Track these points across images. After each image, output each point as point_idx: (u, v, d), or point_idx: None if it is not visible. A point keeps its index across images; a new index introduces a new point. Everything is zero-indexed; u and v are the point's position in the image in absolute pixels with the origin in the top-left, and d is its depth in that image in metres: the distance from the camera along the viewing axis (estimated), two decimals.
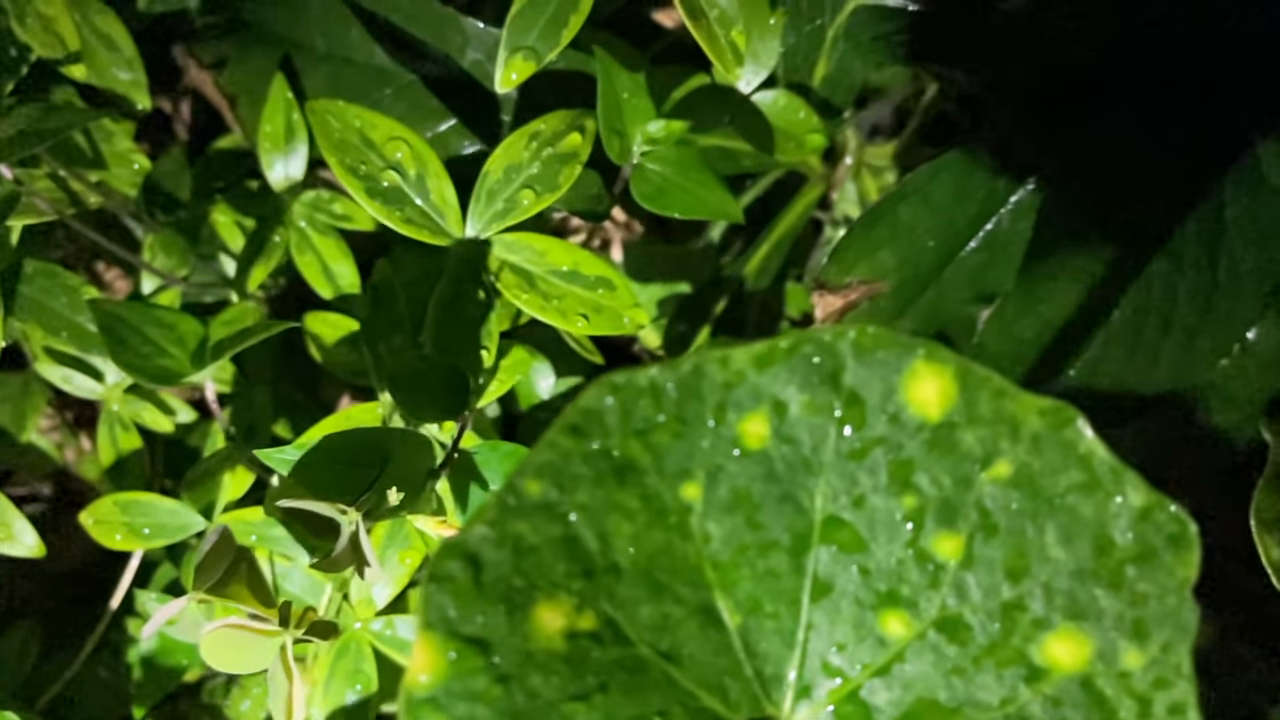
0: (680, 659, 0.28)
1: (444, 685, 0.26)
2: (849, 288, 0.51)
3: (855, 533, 0.28)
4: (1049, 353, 0.51)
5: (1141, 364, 0.52)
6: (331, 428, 0.44)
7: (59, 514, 0.73)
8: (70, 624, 0.70)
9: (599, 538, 0.27)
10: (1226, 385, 0.53)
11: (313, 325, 0.54)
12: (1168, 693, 0.27)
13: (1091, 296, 0.48)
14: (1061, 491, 0.27)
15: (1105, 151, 0.47)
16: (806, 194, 0.61)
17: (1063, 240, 0.47)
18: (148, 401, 0.57)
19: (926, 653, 0.29)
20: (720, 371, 0.28)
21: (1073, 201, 0.46)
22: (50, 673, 0.62)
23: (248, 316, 0.57)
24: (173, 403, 0.59)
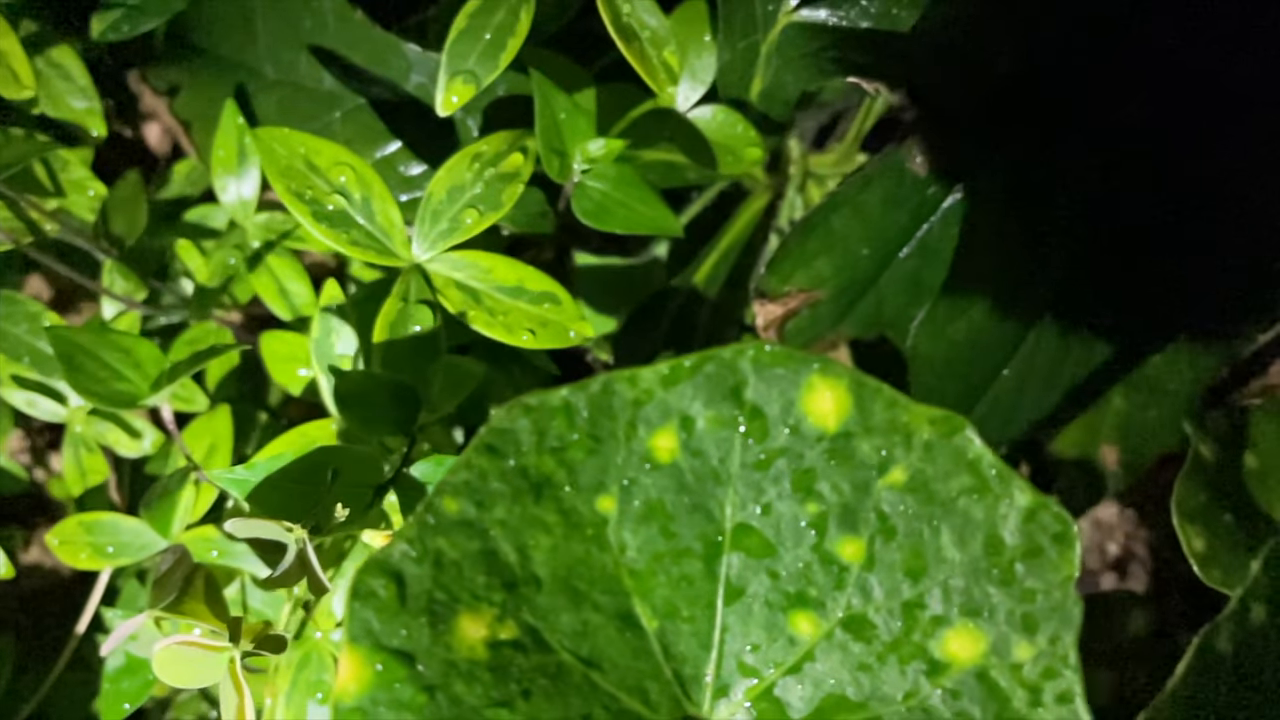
0: (601, 664, 0.30)
1: (370, 695, 0.27)
2: (788, 296, 0.53)
3: (764, 539, 0.30)
4: (981, 353, 0.53)
5: (1079, 356, 0.54)
6: (286, 445, 0.46)
7: (32, 534, 0.74)
8: (45, 641, 0.71)
9: (518, 551, 0.29)
10: (1159, 378, 0.55)
11: (268, 345, 0.56)
12: (1055, 682, 0.29)
13: (1018, 298, 0.50)
14: (954, 495, 0.29)
15: (1020, 160, 0.49)
16: (752, 204, 0.63)
17: (987, 246, 0.49)
18: (112, 423, 0.58)
19: (834, 651, 0.30)
20: (629, 390, 0.29)
21: (994, 209, 0.48)
22: (24, 689, 0.63)
23: (209, 337, 0.59)
24: (139, 425, 0.60)
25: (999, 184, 0.48)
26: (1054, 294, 0.50)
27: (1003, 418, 0.53)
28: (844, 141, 0.61)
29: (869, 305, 0.54)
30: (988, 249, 0.49)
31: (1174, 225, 0.48)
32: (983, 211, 0.48)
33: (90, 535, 0.53)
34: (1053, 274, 0.49)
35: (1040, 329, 0.52)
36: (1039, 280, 0.49)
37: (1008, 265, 0.49)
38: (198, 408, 0.58)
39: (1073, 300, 0.49)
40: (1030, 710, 0.29)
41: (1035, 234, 0.48)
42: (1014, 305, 0.49)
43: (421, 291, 0.48)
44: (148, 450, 0.59)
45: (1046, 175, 0.48)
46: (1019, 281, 0.49)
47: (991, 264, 0.49)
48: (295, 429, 0.48)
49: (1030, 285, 0.49)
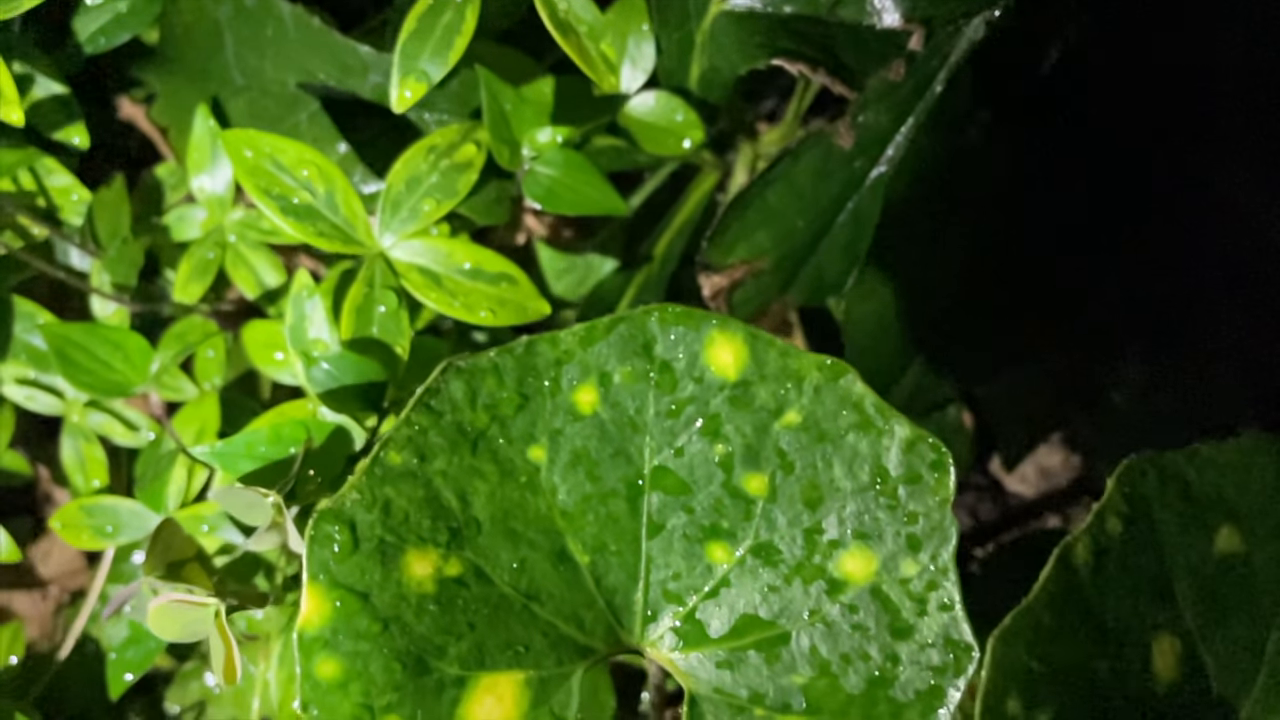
0: (539, 596, 0.34)
1: (330, 626, 0.31)
2: (732, 268, 0.57)
3: (679, 479, 0.34)
4: (911, 313, 0.56)
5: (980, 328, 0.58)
6: (264, 424, 0.49)
7: (39, 526, 0.78)
8: (56, 626, 0.75)
9: (458, 497, 0.33)
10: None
11: (249, 334, 0.59)
12: (938, 593, 0.32)
13: (941, 261, 0.53)
14: (842, 432, 0.33)
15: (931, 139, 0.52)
16: (702, 184, 0.66)
17: (904, 217, 0.52)
18: (108, 415, 0.62)
19: (746, 576, 0.34)
20: (551, 350, 0.33)
21: (910, 182, 0.52)
22: (37, 669, 0.67)
23: (195, 330, 0.62)
24: (134, 416, 0.64)
25: (913, 159, 0.52)
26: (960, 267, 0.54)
27: (935, 373, 0.56)
28: (785, 121, 0.65)
29: (810, 273, 0.58)
30: (905, 220, 0.52)
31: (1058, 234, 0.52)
32: (900, 184, 0.52)
33: (91, 517, 0.57)
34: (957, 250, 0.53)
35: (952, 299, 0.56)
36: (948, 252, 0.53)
37: (920, 237, 0.53)
38: (186, 397, 0.62)
39: (974, 278, 0.53)
40: (917, 619, 0.33)
41: (944, 208, 0.52)
42: (926, 275, 0.53)
43: (385, 277, 0.52)
44: (144, 440, 0.63)
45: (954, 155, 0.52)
46: (929, 254, 0.53)
47: (907, 234, 0.53)
48: (273, 409, 0.52)
49: (939, 256, 0.53)
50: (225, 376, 0.65)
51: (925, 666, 0.32)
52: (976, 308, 0.54)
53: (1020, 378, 0.60)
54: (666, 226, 0.66)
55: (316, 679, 0.31)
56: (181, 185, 0.64)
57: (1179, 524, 0.33)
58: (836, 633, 0.33)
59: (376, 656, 0.32)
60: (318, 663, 0.31)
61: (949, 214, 0.53)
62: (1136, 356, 0.55)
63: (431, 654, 0.32)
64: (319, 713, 0.31)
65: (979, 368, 0.57)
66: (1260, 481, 0.34)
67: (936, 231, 0.53)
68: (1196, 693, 0.34)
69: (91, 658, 0.67)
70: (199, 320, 0.63)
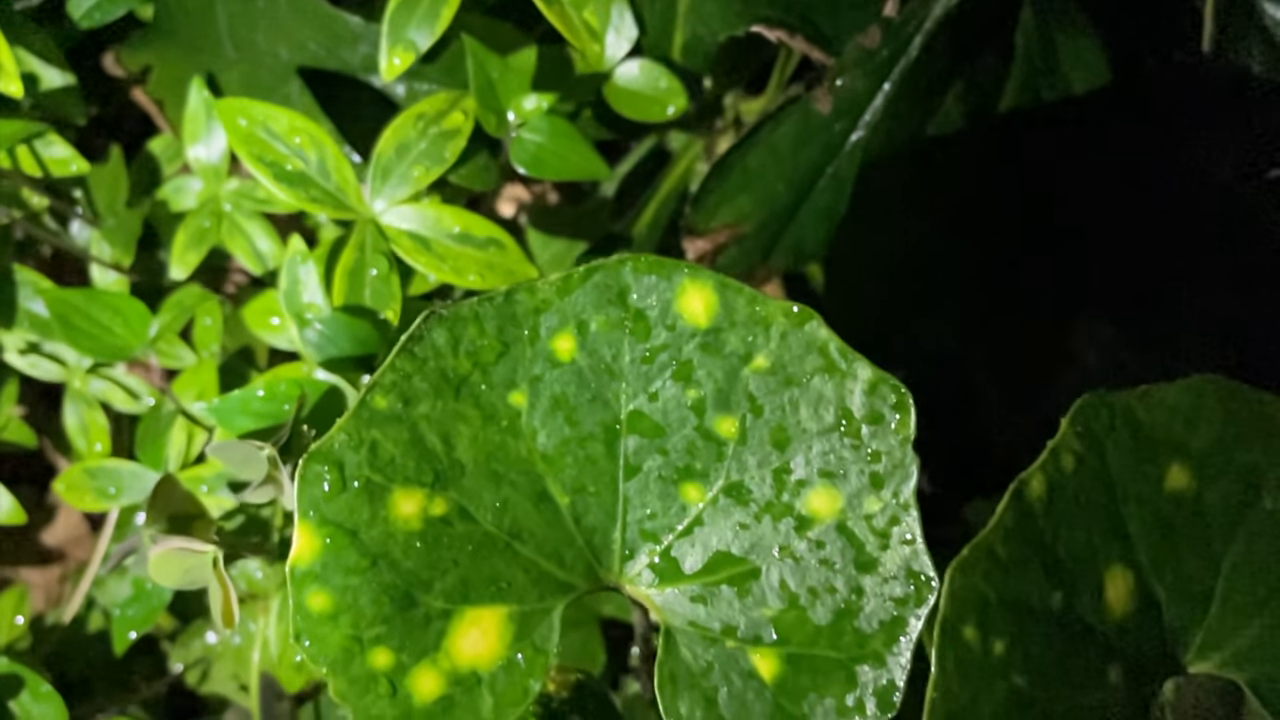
0: (521, 534, 0.35)
1: (321, 562, 0.33)
2: (715, 232, 0.58)
3: (654, 422, 0.35)
4: (894, 275, 0.58)
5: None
6: (261, 382, 0.51)
7: (43, 495, 0.80)
8: (61, 596, 0.77)
9: (442, 440, 0.34)
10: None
11: (246, 302, 0.61)
12: (900, 528, 0.34)
13: (916, 227, 0.55)
14: (808, 375, 0.34)
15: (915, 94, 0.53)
16: (689, 151, 0.68)
17: (886, 176, 0.54)
18: (109, 381, 0.64)
19: (719, 515, 0.35)
20: (530, 299, 0.34)
21: (889, 141, 0.53)
22: (43, 634, 0.69)
23: (194, 299, 0.64)
24: (135, 383, 0.65)
25: (890, 124, 0.53)
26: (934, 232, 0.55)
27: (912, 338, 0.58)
28: (768, 90, 0.66)
29: (792, 237, 0.59)
30: (882, 184, 0.54)
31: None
32: (877, 149, 0.53)
33: (93, 480, 0.59)
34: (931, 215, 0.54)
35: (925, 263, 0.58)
36: (922, 217, 0.54)
37: (896, 203, 0.54)
38: (185, 364, 0.63)
39: (948, 243, 0.55)
40: (881, 553, 0.34)
41: (920, 172, 0.53)
42: (901, 241, 0.54)
43: (376, 242, 0.53)
44: (144, 406, 0.64)
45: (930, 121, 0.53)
46: (904, 220, 0.54)
47: (883, 199, 0.54)
48: (269, 371, 0.53)
49: (914, 222, 0.54)
50: (223, 346, 0.66)
51: (888, 598, 0.34)
52: (949, 272, 0.55)
53: (996, 339, 0.62)
54: (653, 196, 0.67)
55: (308, 611, 0.33)
56: (178, 158, 0.65)
57: (1130, 462, 0.35)
58: (804, 567, 0.35)
59: (365, 590, 0.33)
60: (309, 596, 0.33)
61: (924, 179, 0.55)
62: (1107, 318, 0.56)
63: (418, 588, 0.34)
64: (310, 643, 0.33)
65: (953, 331, 0.58)
66: (1209, 422, 0.35)
67: (911, 196, 0.54)
68: (1149, 625, 0.36)
69: (96, 620, 0.69)
70: (198, 290, 0.64)
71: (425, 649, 0.34)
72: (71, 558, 0.79)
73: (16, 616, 0.66)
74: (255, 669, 0.60)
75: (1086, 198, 0.56)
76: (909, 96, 0.55)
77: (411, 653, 0.34)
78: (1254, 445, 0.36)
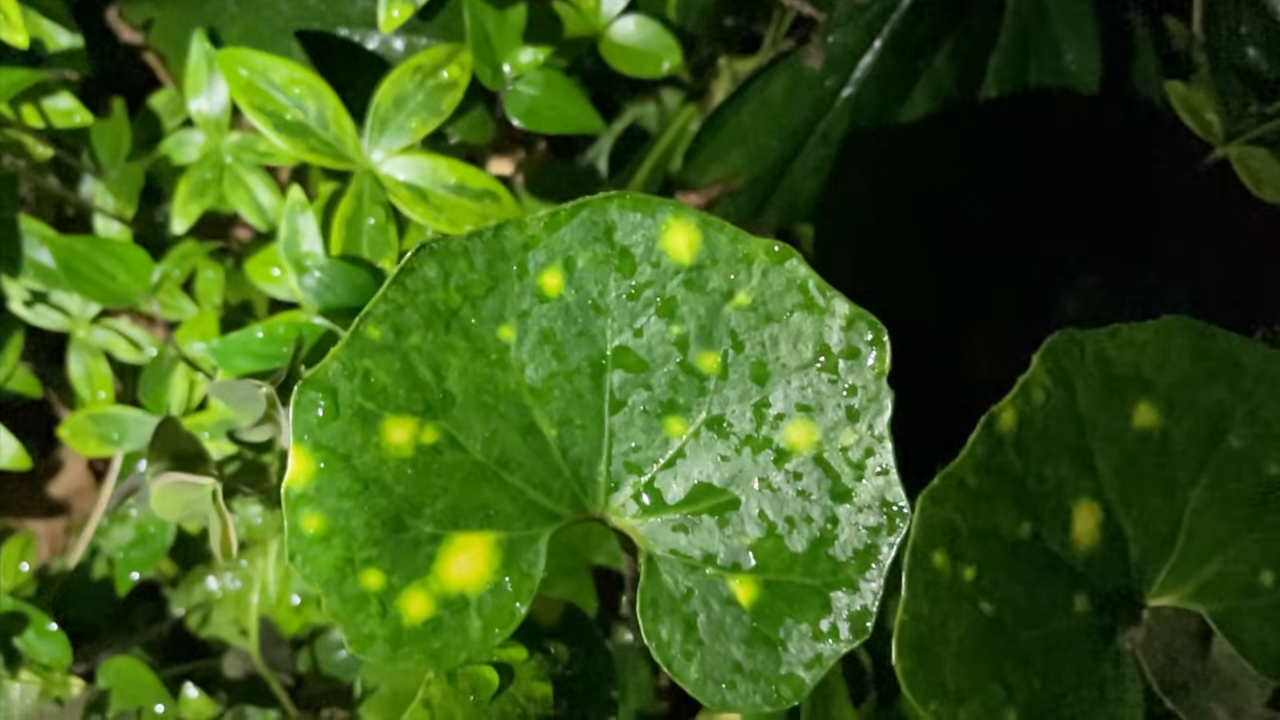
0: (510, 464, 0.36)
1: (315, 485, 0.34)
2: (707, 187, 0.59)
3: (639, 358, 0.36)
4: (880, 234, 0.59)
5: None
6: (260, 325, 0.52)
7: (48, 449, 0.81)
8: (66, 546, 0.78)
9: (433, 371, 0.35)
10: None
11: (248, 254, 0.62)
12: (874, 459, 0.35)
13: (905, 185, 0.56)
14: (788, 311, 0.35)
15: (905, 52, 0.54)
16: (684, 110, 0.68)
17: (875, 134, 0.54)
18: (112, 331, 0.65)
19: (701, 448, 0.37)
20: (518, 235, 0.35)
21: (879, 97, 0.54)
22: (50, 580, 0.70)
23: (195, 251, 0.65)
24: (137, 335, 0.67)
25: (880, 80, 0.54)
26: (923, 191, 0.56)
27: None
28: (763, 49, 0.66)
29: (784, 193, 0.60)
30: (871, 142, 0.55)
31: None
32: (866, 105, 0.54)
33: (97, 426, 0.60)
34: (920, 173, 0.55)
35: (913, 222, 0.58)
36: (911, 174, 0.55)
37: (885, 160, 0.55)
38: (187, 315, 0.64)
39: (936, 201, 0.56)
40: (856, 483, 0.35)
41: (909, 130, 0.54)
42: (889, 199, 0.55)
43: (374, 192, 0.54)
44: (147, 356, 0.66)
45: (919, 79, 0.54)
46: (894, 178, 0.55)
47: (873, 157, 0.55)
48: (269, 319, 0.54)
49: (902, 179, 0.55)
50: (225, 301, 0.67)
51: (862, 527, 0.35)
52: (935, 230, 0.56)
53: (982, 297, 0.63)
54: (647, 155, 0.68)
55: (302, 532, 0.34)
56: (180, 112, 0.66)
57: (1100, 398, 0.36)
58: (782, 498, 0.36)
59: (357, 514, 0.35)
60: (303, 517, 0.34)
61: (912, 137, 0.55)
62: (1092, 274, 0.57)
63: (409, 513, 0.35)
64: (304, 562, 0.34)
65: (937, 288, 0.59)
66: (1177, 361, 0.36)
67: (899, 154, 0.55)
68: (1115, 558, 0.37)
69: (100, 567, 0.70)
70: (199, 243, 0.65)
71: (415, 571, 0.35)
72: (76, 510, 0.80)
73: (22, 563, 0.67)
74: (254, 612, 0.62)
75: (1074, 156, 0.57)
76: (899, 54, 0.55)
77: (402, 575, 0.35)
78: (1221, 385, 0.37)
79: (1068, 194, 0.57)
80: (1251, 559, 0.37)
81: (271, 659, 0.61)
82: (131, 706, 0.54)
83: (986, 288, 0.61)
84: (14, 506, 0.78)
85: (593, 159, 0.70)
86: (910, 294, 0.59)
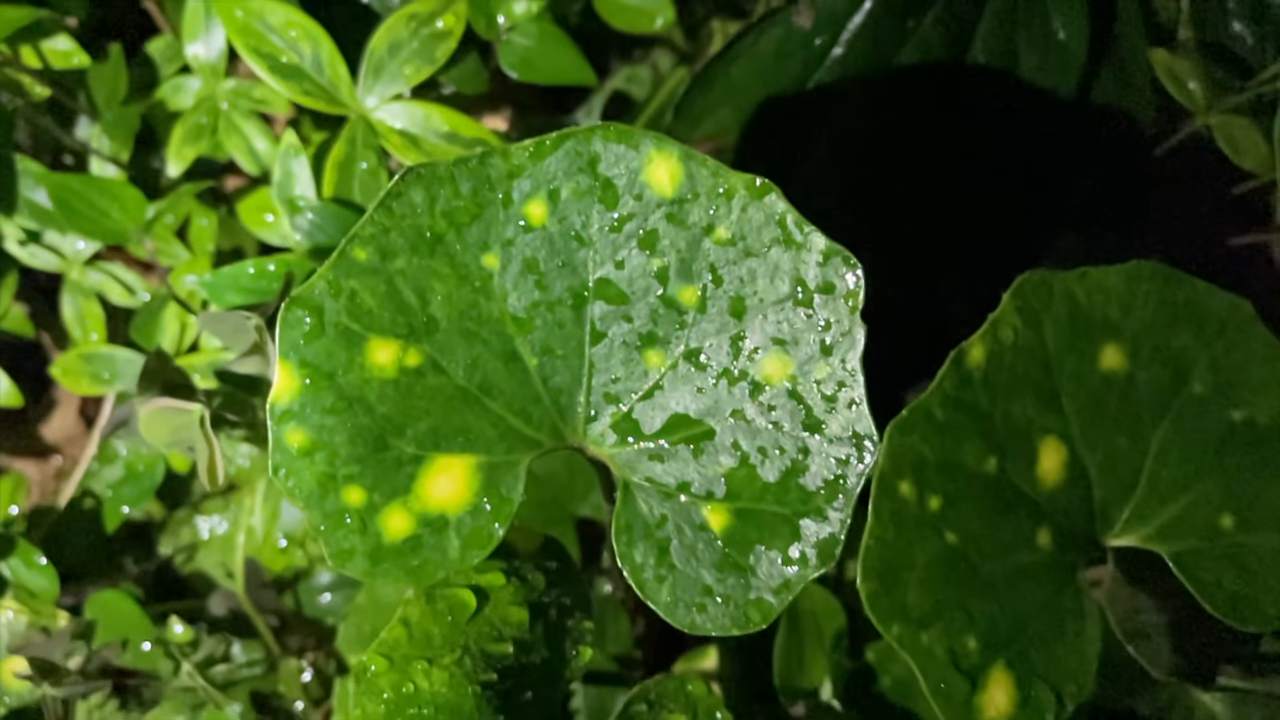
0: (491, 391, 0.37)
1: (299, 400, 0.35)
2: (697, 143, 0.60)
3: (620, 290, 0.37)
4: (864, 193, 0.59)
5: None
6: (251, 264, 0.53)
7: (39, 393, 0.82)
8: (57, 490, 0.79)
9: (417, 294, 0.36)
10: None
11: (242, 200, 0.62)
12: (845, 391, 0.36)
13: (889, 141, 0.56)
14: (766, 246, 0.36)
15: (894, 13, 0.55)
16: (677, 70, 0.69)
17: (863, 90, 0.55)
18: (106, 274, 0.65)
19: (678, 380, 0.37)
20: (504, 164, 0.36)
21: (866, 57, 0.55)
22: (40, 517, 0.71)
23: (190, 193, 0.66)
24: (131, 279, 0.67)
25: (869, 40, 0.55)
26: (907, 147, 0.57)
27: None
28: (755, 11, 0.67)
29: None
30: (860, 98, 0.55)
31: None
32: (852, 68, 0.55)
33: (89, 365, 0.61)
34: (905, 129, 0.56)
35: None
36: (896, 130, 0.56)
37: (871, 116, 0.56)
38: (180, 261, 0.65)
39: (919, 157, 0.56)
40: (827, 415, 0.36)
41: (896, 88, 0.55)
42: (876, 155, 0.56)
43: (367, 137, 0.55)
44: (140, 300, 0.66)
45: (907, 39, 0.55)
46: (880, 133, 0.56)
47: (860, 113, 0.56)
48: (261, 258, 0.55)
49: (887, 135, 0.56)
50: (218, 248, 0.68)
51: (833, 458, 0.36)
52: (920, 186, 0.57)
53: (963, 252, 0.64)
54: (640, 113, 0.69)
55: (286, 446, 0.35)
56: (177, 58, 0.67)
57: (1067, 339, 0.37)
58: (756, 429, 0.37)
59: (340, 430, 0.35)
60: (287, 432, 0.35)
61: (900, 94, 0.56)
62: (1071, 233, 0.58)
63: (391, 433, 0.36)
64: (288, 476, 0.35)
65: (923, 245, 0.60)
66: (1144, 306, 0.37)
67: (887, 110, 0.56)
68: (1078, 496, 0.38)
69: (90, 509, 0.71)
70: (194, 187, 0.66)
71: (396, 490, 0.36)
72: (66, 456, 0.81)
73: (11, 506, 0.68)
74: (240, 553, 0.63)
75: (1054, 123, 0.58)
76: (889, 14, 0.56)
77: (383, 493, 0.36)
78: (1186, 330, 0.38)
79: (1050, 160, 0.58)
80: (1212, 502, 0.38)
81: (256, 600, 0.62)
82: (116, 638, 0.55)
83: (965, 237, 0.62)
84: (4, 445, 0.79)
85: (583, 119, 0.71)
86: (890, 238, 0.60)
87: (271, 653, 0.59)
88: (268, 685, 0.62)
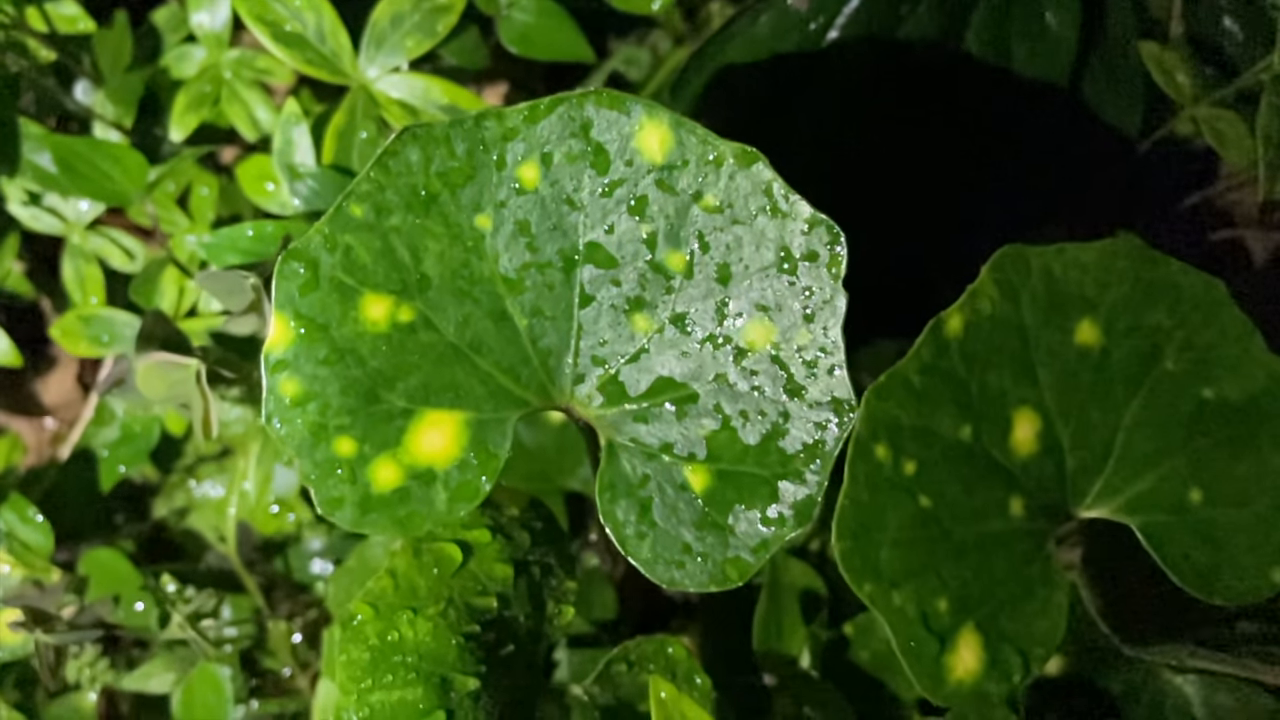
0: (481, 349, 0.38)
1: (293, 350, 0.36)
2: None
3: (609, 254, 0.38)
4: (858, 174, 0.60)
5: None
6: (249, 226, 0.54)
7: (37, 358, 0.83)
8: (54, 454, 0.80)
9: (411, 252, 0.37)
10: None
11: (243, 169, 0.63)
12: (826, 358, 0.37)
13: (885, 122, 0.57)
14: (753, 214, 0.37)
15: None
16: (677, 51, 0.70)
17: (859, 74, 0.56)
18: (106, 239, 0.66)
19: (664, 344, 0.38)
20: (498, 126, 0.37)
21: (863, 40, 0.55)
22: (36, 477, 0.72)
23: (190, 160, 0.66)
24: (131, 244, 0.68)
25: (865, 24, 0.56)
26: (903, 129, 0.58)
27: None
28: None
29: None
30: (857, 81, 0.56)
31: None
32: (847, 51, 0.55)
33: (88, 327, 0.62)
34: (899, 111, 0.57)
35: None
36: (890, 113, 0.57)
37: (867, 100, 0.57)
38: (180, 229, 0.66)
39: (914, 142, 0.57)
40: (808, 381, 0.37)
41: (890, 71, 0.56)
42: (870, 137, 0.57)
43: (367, 107, 0.56)
44: (139, 265, 0.67)
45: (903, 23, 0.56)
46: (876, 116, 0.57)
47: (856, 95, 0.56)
48: (260, 220, 0.56)
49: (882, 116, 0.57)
50: (217, 213, 0.69)
51: (811, 422, 0.37)
52: (907, 171, 0.58)
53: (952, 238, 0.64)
54: (639, 92, 0.70)
55: (280, 395, 0.36)
56: (181, 28, 0.68)
57: (1044, 313, 0.38)
58: (738, 393, 0.38)
59: (333, 381, 0.36)
60: (281, 382, 0.36)
61: (892, 79, 0.57)
62: (1055, 223, 0.59)
63: (382, 386, 0.37)
64: (281, 425, 0.36)
65: (915, 228, 0.61)
66: (1119, 283, 0.38)
67: (878, 96, 0.57)
68: (1051, 467, 0.39)
69: (86, 469, 0.72)
70: (195, 152, 0.66)
71: (386, 442, 0.37)
72: (63, 419, 0.82)
73: (7, 464, 0.69)
74: (232, 518, 0.64)
75: (1044, 112, 0.59)
76: (883, 0, 0.57)
77: (373, 444, 0.37)
78: (1160, 307, 0.38)
79: (1037, 149, 0.59)
80: (1181, 477, 0.39)
81: (248, 562, 0.63)
82: (109, 594, 0.56)
83: (949, 224, 0.63)
84: (1, 409, 0.80)
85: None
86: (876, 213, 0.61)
87: (261, 614, 0.60)
88: (257, 647, 0.63)
